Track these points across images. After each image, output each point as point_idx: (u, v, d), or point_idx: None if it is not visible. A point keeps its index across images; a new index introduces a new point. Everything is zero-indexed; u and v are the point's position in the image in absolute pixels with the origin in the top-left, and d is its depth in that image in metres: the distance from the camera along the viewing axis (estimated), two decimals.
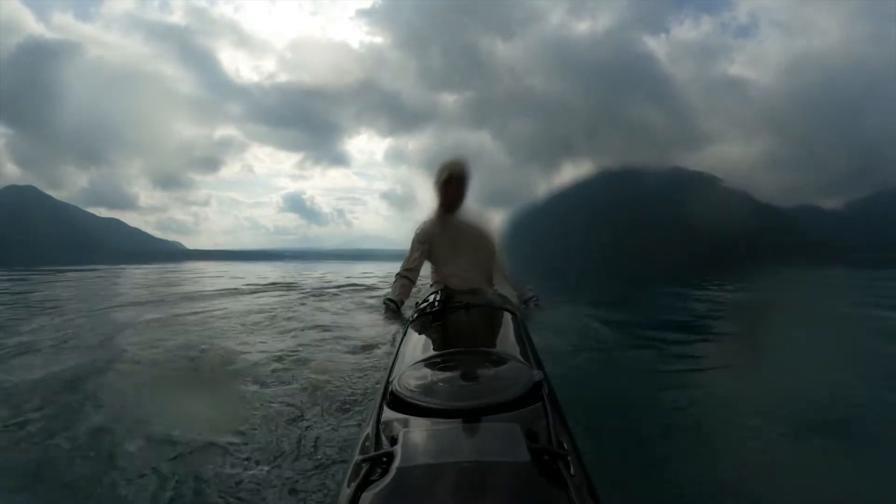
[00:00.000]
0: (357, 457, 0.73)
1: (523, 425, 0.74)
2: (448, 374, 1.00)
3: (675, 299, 5.95)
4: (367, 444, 0.77)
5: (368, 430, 0.82)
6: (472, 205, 2.52)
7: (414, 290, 2.61)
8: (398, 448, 0.69)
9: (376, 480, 0.64)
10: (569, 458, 0.69)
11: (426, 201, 2.53)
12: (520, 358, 1.15)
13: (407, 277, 2.54)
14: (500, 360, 1.06)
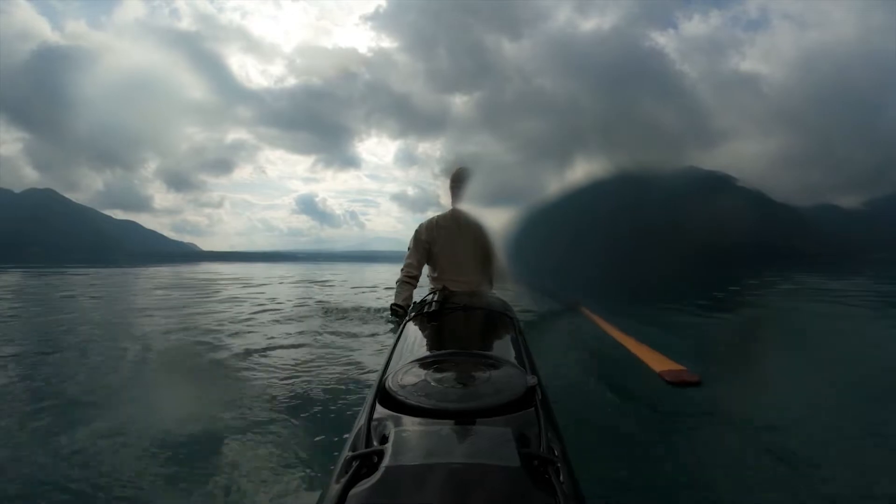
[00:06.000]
0: (347, 454, 0.73)
1: (515, 430, 0.75)
2: (442, 375, 1.00)
3: (682, 311, 5.84)
4: (357, 441, 0.77)
5: (360, 427, 0.82)
6: (477, 203, 2.56)
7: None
8: (388, 446, 0.70)
9: (365, 478, 0.64)
10: (558, 464, 0.69)
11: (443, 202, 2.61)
12: (514, 363, 1.16)
13: (409, 282, 2.51)
14: (495, 364, 1.06)
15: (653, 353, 2.55)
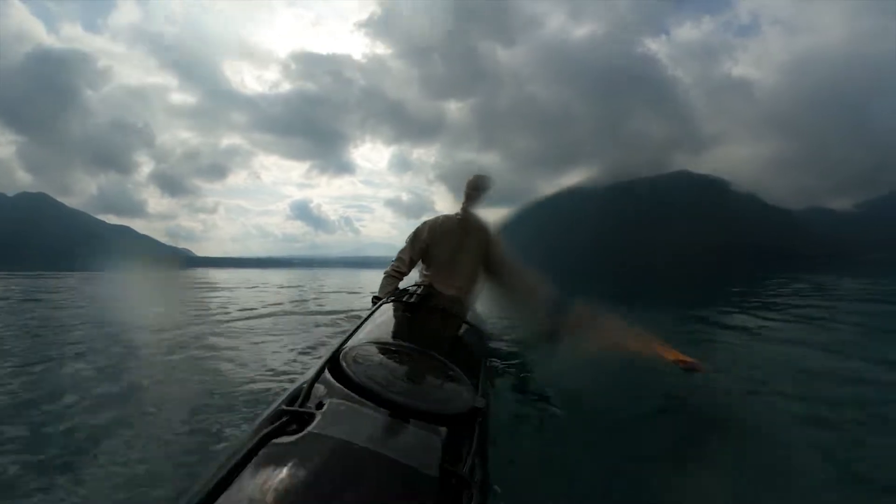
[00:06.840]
0: (281, 405, 0.73)
1: (446, 443, 0.74)
2: (397, 365, 1.00)
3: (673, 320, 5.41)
4: (294, 397, 0.77)
5: (300, 385, 0.81)
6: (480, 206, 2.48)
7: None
8: (320, 413, 0.69)
9: (286, 435, 0.65)
10: (474, 491, 0.67)
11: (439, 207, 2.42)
12: (469, 380, 1.12)
13: (396, 276, 2.40)
14: (450, 374, 1.06)
15: (665, 346, 2.51)
